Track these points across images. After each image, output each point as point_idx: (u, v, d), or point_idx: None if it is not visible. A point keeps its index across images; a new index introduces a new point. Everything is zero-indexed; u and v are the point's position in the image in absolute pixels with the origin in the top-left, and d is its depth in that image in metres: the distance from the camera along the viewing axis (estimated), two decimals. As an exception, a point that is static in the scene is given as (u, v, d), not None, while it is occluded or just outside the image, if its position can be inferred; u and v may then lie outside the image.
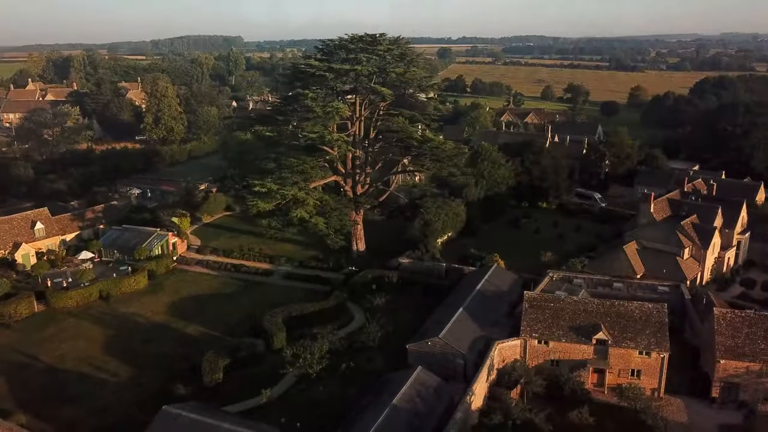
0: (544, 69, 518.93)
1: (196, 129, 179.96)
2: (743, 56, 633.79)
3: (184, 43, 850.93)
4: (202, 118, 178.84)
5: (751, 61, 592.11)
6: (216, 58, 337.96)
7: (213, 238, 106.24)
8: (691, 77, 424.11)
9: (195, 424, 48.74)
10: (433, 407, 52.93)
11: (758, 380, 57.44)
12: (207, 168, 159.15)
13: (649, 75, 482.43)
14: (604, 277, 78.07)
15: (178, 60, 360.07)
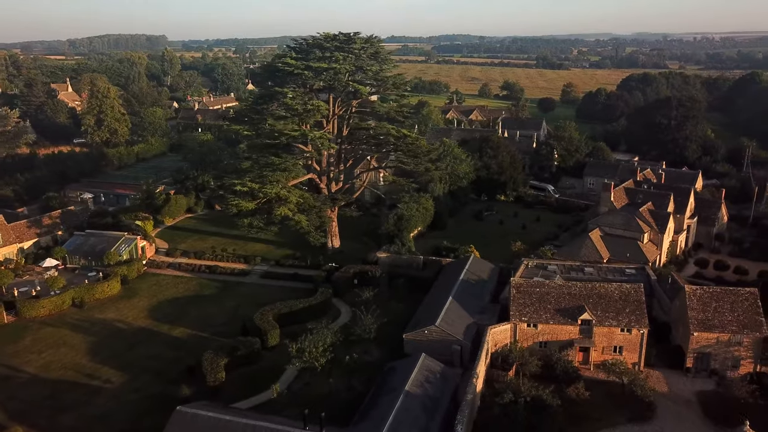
0: (476, 67, 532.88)
1: (141, 131, 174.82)
2: (657, 54, 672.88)
3: (104, 42, 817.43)
4: (147, 119, 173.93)
5: (664, 59, 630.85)
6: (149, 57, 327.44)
7: (180, 240, 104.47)
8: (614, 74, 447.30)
9: (215, 422, 49.00)
10: (442, 391, 55.25)
11: (727, 349, 63.02)
12: (157, 170, 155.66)
13: (575, 72, 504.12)
14: (575, 262, 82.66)
15: (106, 60, 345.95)
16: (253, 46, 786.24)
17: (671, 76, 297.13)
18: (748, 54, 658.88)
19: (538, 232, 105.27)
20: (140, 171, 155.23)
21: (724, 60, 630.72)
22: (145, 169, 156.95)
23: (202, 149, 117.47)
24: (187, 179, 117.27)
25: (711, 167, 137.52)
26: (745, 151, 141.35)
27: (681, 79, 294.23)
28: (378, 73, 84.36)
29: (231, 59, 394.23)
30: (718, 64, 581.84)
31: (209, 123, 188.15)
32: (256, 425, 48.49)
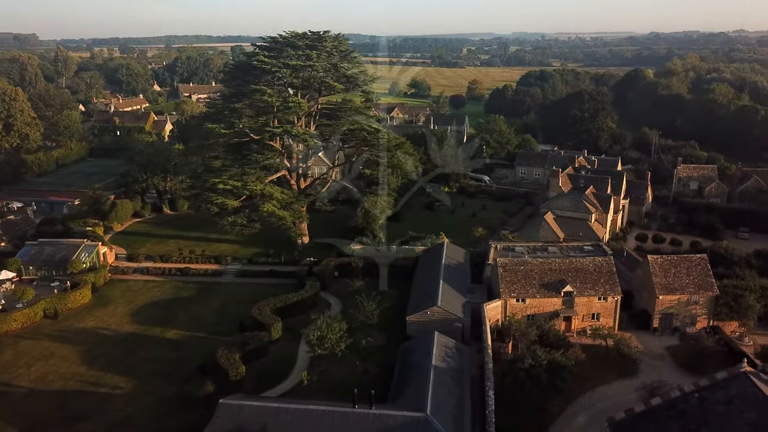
0: (375, 66, 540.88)
1: (55, 135, 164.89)
2: (541, 53, 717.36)
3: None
4: (62, 123, 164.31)
5: (547, 58, 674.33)
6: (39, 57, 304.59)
7: (137, 245, 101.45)
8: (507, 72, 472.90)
9: (263, 410, 50.35)
10: (461, 363, 59.70)
11: (686, 308, 72.33)
12: (84, 175, 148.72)
13: (470, 70, 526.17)
14: (538, 243, 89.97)
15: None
16: (138, 46, 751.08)
17: (565, 73, 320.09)
18: (618, 52, 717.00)
19: (487, 219, 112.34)
20: (63, 177, 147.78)
21: (598, 58, 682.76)
22: (67, 175, 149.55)
23: (150, 151, 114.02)
24: (135, 182, 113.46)
25: (622, 154, 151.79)
26: (651, 140, 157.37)
27: (573, 76, 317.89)
28: (348, 69, 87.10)
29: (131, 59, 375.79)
30: (595, 61, 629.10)
31: (129, 125, 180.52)
32: (307, 408, 50.40)
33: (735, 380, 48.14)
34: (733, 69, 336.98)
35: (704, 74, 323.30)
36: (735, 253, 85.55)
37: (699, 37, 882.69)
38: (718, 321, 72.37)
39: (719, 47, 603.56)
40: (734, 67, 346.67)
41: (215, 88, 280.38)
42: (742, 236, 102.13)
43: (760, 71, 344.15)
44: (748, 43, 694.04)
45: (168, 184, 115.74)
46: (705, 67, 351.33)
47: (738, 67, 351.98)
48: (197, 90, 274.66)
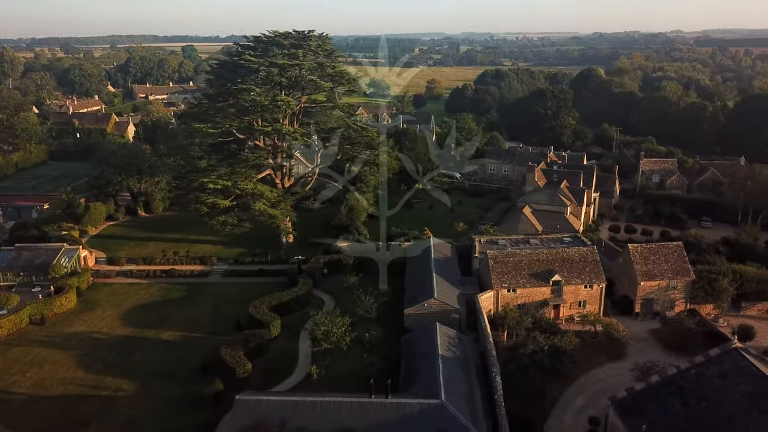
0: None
1: (12, 138, 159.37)
2: (491, 52, 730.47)
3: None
4: (20, 125, 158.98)
5: (498, 57, 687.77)
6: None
7: (116, 248, 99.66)
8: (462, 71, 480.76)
9: (281, 404, 51.10)
10: (464, 352, 61.70)
11: (665, 293, 76.40)
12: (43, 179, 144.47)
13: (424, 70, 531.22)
14: (519, 236, 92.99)
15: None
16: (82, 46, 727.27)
17: (520, 72, 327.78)
18: (565, 52, 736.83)
19: (465, 214, 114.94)
20: (26, 181, 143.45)
21: (547, 57, 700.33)
22: (30, 179, 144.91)
23: (124, 152, 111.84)
24: (109, 184, 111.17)
25: (584, 150, 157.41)
26: (610, 135, 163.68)
27: (528, 75, 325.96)
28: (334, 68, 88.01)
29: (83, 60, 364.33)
30: (544, 60, 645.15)
31: (89, 127, 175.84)
32: (324, 401, 51.42)
33: (727, 356, 51.72)
34: (677, 68, 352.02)
35: (650, 73, 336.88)
36: (703, 241, 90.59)
37: (640, 38, 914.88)
38: (694, 304, 76.66)
39: (660, 47, 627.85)
40: (677, 66, 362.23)
41: (173, 88, 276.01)
42: (705, 225, 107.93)
43: (701, 70, 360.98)
44: (686, 43, 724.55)
45: (143, 186, 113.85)
46: (650, 66, 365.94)
47: (681, 66, 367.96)
48: (154, 91, 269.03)
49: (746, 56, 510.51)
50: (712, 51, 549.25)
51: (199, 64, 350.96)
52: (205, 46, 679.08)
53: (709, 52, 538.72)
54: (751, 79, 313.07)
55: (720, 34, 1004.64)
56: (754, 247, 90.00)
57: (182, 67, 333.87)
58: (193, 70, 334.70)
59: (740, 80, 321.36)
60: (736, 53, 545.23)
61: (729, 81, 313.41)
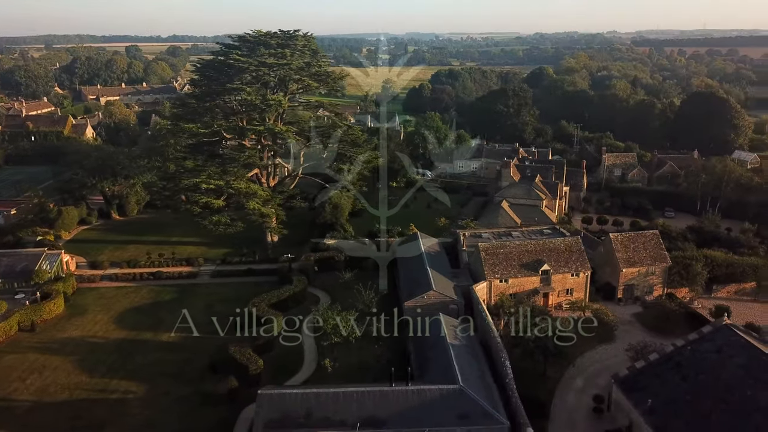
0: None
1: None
2: (439, 53, 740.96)
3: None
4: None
5: (446, 57, 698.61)
6: None
7: (94, 252, 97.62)
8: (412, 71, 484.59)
9: (303, 396, 52.16)
10: (470, 339, 64.08)
11: (645, 279, 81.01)
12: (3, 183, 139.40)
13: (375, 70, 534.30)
14: (501, 229, 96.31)
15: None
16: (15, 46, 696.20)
17: (472, 71, 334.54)
18: (510, 51, 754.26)
19: (442, 210, 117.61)
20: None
21: (493, 57, 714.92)
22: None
23: (99, 154, 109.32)
24: (83, 187, 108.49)
25: (546, 146, 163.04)
26: (569, 132, 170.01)
27: (480, 74, 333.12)
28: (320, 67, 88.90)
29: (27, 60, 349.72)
30: (491, 60, 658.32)
31: (45, 130, 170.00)
32: (347, 391, 52.79)
33: (719, 332, 55.94)
34: (620, 67, 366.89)
35: (596, 72, 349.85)
36: (672, 229, 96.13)
37: (579, 38, 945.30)
38: (671, 288, 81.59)
39: (601, 47, 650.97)
40: (620, 65, 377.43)
41: (126, 89, 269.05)
42: (669, 215, 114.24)
43: (642, 69, 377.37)
44: (623, 43, 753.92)
45: (117, 189, 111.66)
46: (595, 66, 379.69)
47: (624, 65, 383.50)
48: (106, 92, 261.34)
49: (680, 56, 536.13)
50: (649, 51, 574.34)
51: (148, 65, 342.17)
52: (149, 47, 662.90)
53: (646, 52, 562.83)
54: (689, 78, 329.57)
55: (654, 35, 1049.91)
56: (718, 234, 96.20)
57: (131, 67, 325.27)
58: (143, 71, 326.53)
59: (678, 78, 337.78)
60: (671, 53, 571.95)
61: (668, 79, 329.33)
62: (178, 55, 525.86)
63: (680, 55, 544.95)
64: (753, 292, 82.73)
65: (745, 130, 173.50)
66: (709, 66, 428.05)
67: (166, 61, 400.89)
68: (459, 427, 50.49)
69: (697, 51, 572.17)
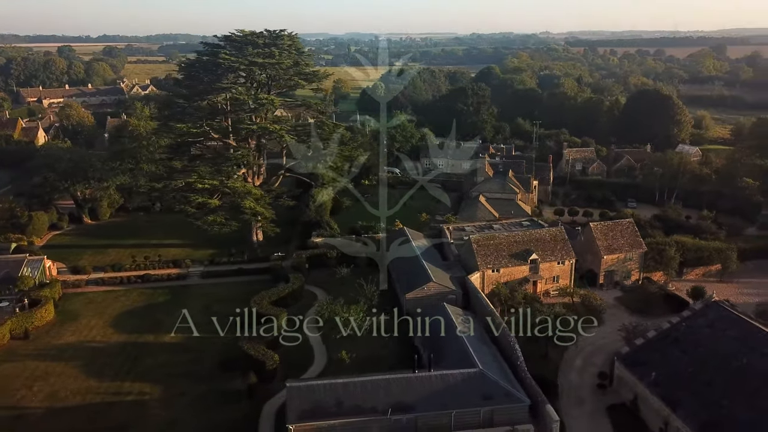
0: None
1: None
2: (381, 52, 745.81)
3: None
4: None
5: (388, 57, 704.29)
6: None
7: (72, 257, 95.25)
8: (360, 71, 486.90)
9: (331, 387, 53.71)
10: (477, 326, 66.88)
11: (623, 265, 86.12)
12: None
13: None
14: (482, 222, 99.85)
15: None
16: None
17: (421, 71, 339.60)
18: (450, 51, 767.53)
19: (418, 207, 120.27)
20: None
21: (434, 57, 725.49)
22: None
23: (71, 157, 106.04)
24: (55, 191, 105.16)
25: (506, 143, 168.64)
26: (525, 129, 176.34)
27: (429, 73, 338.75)
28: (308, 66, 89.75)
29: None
30: (433, 60, 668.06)
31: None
32: (373, 379, 54.62)
33: (710, 308, 60.81)
34: (560, 66, 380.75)
35: (538, 71, 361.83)
36: (640, 219, 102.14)
37: (515, 38, 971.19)
38: (647, 273, 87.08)
39: (537, 47, 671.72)
40: (561, 65, 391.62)
41: (69, 91, 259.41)
42: (631, 205, 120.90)
43: (581, 68, 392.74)
44: (558, 43, 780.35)
45: (89, 192, 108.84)
46: (537, 65, 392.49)
47: (564, 64, 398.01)
48: (48, 94, 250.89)
49: (612, 56, 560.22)
50: (583, 51, 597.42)
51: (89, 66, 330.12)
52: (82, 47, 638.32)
53: (581, 52, 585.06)
54: (626, 76, 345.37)
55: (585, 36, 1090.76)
56: (681, 222, 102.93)
57: (72, 68, 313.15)
58: (84, 72, 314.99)
59: (616, 77, 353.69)
60: (604, 53, 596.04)
61: (606, 78, 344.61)
62: (115, 55, 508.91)
63: (612, 55, 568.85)
64: (718, 274, 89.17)
65: (686, 125, 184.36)
66: (641, 65, 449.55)
67: (105, 62, 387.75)
68: (483, 407, 53.17)
69: (627, 51, 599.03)
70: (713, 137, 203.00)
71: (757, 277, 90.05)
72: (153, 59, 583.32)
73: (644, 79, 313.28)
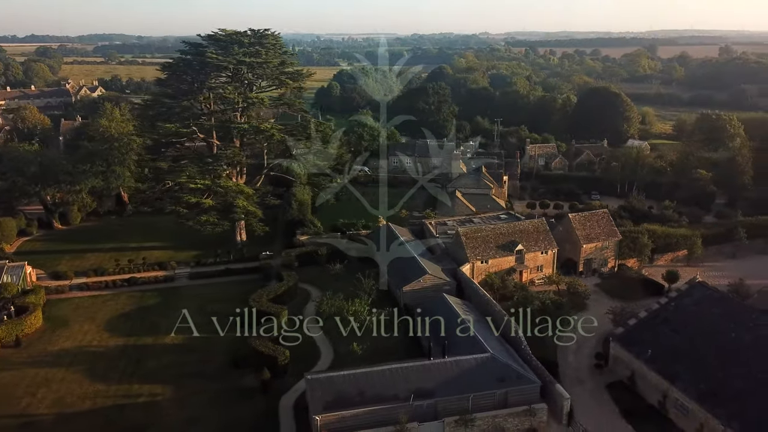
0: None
1: None
2: (327, 53, 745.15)
3: None
4: None
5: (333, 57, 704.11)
6: None
7: (50, 264, 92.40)
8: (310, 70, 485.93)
9: (351, 377, 55.01)
10: (477, 314, 69.43)
11: (600, 253, 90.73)
12: None
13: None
14: (462, 216, 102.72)
15: None
16: None
17: (371, 70, 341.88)
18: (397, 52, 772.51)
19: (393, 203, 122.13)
20: None
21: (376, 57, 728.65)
22: None
23: (42, 160, 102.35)
24: (24, 196, 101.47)
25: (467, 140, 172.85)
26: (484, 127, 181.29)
27: (381, 74, 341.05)
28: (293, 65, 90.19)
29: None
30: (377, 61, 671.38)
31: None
32: (391, 368, 56.21)
33: (694, 288, 65.38)
34: (506, 66, 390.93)
35: (485, 70, 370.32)
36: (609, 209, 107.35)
37: (456, 38, 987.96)
38: (621, 260, 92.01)
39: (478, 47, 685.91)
40: (507, 64, 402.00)
41: (11, 93, 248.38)
42: (595, 198, 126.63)
43: (525, 68, 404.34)
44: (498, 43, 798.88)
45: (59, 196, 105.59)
46: (484, 65, 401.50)
47: (509, 64, 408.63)
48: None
49: (552, 55, 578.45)
50: (524, 51, 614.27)
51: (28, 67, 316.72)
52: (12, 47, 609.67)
53: (522, 52, 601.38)
54: (569, 75, 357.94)
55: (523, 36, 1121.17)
56: (646, 212, 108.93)
57: (9, 69, 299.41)
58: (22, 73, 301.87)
59: (559, 76, 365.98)
60: (545, 53, 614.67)
61: (551, 77, 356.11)
62: (50, 56, 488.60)
63: (552, 54, 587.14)
64: (685, 259, 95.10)
65: (634, 121, 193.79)
66: (581, 65, 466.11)
67: (42, 62, 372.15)
68: (498, 389, 55.66)
69: (566, 51, 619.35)
70: (657, 132, 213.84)
71: (719, 261, 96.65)
72: (91, 60, 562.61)
73: (587, 78, 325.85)
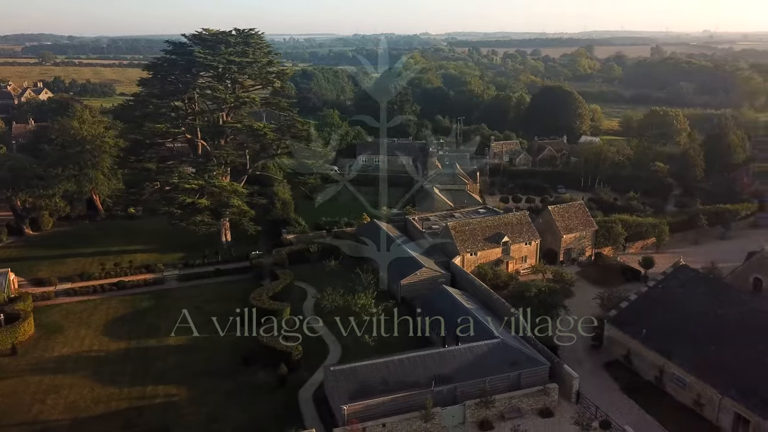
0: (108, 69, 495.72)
1: None
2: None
3: None
4: None
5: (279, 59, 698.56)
6: None
7: (29, 270, 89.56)
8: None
9: (373, 367, 56.63)
10: (478, 303, 72.20)
11: (579, 243, 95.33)
12: None
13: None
14: (443, 211, 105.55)
15: None
16: None
17: (324, 71, 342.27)
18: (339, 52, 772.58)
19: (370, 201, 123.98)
20: None
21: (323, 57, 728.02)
22: None
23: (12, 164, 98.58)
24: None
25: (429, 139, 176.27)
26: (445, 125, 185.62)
27: (332, 73, 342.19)
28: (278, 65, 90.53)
29: None
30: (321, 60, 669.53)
31: None
32: (410, 357, 58.17)
33: (678, 271, 70.16)
34: (454, 66, 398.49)
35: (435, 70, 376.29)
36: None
37: (398, 39, 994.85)
38: (597, 249, 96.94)
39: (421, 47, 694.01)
40: (454, 64, 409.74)
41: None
42: (561, 191, 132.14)
43: (473, 67, 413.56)
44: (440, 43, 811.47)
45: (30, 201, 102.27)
46: (433, 65, 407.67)
47: (456, 64, 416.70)
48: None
49: (494, 55, 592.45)
50: (468, 51, 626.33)
51: None
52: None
53: (465, 52, 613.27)
54: (516, 75, 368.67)
55: (463, 36, 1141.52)
56: (613, 203, 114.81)
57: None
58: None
59: (506, 75, 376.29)
60: (488, 53, 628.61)
61: (498, 76, 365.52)
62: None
63: (494, 54, 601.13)
64: (654, 246, 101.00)
65: (586, 118, 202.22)
66: (523, 64, 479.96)
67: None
68: (512, 372, 58.48)
69: (507, 51, 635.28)
70: (606, 128, 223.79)
71: (684, 247, 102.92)
72: (23, 61, 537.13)
73: (533, 77, 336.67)
